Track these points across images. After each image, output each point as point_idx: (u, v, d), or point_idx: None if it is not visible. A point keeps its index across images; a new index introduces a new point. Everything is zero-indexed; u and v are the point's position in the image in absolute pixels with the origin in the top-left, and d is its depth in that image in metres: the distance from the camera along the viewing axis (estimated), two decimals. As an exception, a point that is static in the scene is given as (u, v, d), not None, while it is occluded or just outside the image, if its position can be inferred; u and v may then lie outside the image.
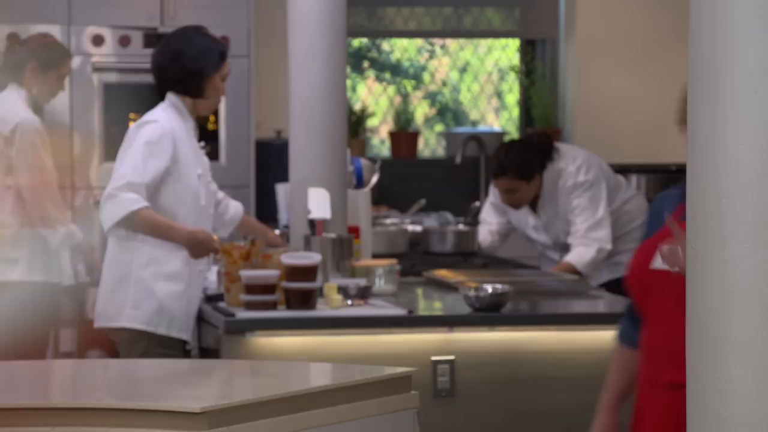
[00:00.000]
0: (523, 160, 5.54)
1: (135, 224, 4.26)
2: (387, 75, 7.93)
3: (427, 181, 7.41)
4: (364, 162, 5.69)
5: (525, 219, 5.71)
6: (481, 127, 7.93)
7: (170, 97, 4.45)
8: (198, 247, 4.37)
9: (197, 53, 4.43)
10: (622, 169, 7.41)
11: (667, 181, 7.37)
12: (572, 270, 5.39)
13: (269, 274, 4.35)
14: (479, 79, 8.01)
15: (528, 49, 7.91)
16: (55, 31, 6.37)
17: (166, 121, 4.36)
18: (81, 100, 6.51)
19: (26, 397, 3.17)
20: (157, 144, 4.29)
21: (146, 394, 3.13)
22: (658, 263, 2.94)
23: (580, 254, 5.44)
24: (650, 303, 2.98)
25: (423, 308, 4.54)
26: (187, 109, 4.44)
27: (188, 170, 4.36)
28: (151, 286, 4.31)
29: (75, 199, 6.53)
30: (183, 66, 4.41)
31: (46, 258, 5.21)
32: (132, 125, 4.43)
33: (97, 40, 6.51)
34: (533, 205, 5.64)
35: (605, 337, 4.17)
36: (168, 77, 4.45)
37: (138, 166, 4.24)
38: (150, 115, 4.42)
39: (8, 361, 4.29)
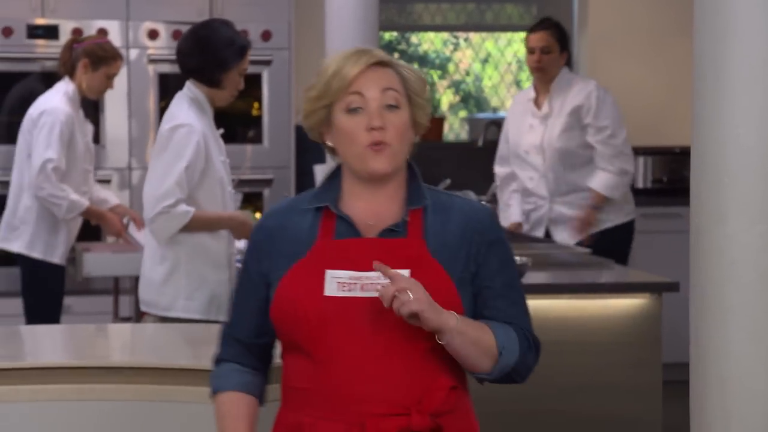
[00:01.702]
0: (563, 30, 5.60)
1: (188, 228, 4.12)
2: (415, 65, 7.91)
3: (452, 162, 7.40)
4: (394, 145, 5.66)
5: (523, 126, 5.63)
6: (502, 113, 7.90)
7: (190, 87, 4.23)
8: (240, 228, 4.27)
9: (221, 44, 4.20)
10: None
11: (671, 162, 7.33)
12: (602, 198, 5.41)
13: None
14: (499, 69, 7.98)
15: (544, 42, 7.86)
16: (115, 26, 6.38)
17: (195, 122, 4.14)
18: (138, 89, 6.52)
19: (90, 357, 3.19)
20: (196, 156, 4.11)
21: (197, 354, 3.15)
22: (331, 290, 2.28)
23: (603, 181, 5.41)
24: (324, 337, 2.27)
25: (448, 278, 4.53)
26: (205, 98, 4.22)
27: (216, 163, 4.20)
28: (203, 275, 4.16)
29: (132, 179, 6.55)
30: (205, 55, 4.20)
31: (48, 237, 5.24)
32: (165, 128, 4.17)
33: (153, 35, 6.52)
34: (537, 104, 5.60)
35: (613, 304, 4.16)
36: (189, 64, 4.22)
37: (181, 181, 4.08)
38: (179, 115, 4.18)
39: (72, 325, 4.31)
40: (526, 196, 5.66)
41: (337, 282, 2.29)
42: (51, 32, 6.26)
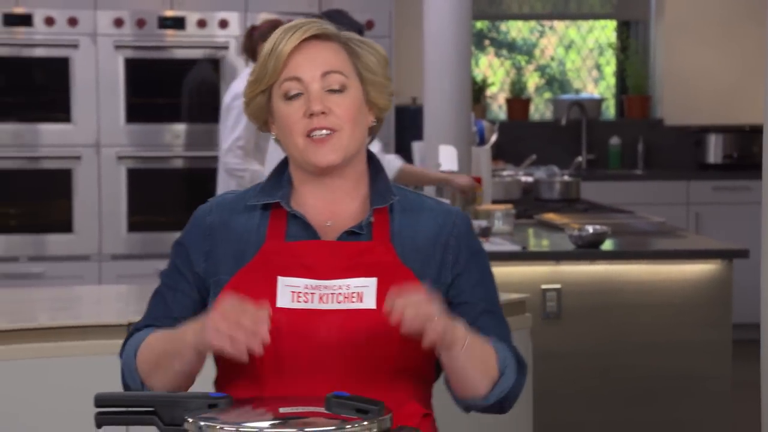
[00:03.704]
0: None
1: None
2: (504, 51, 7.85)
3: (537, 139, 7.34)
4: (485, 124, 5.65)
5: None
6: (583, 95, 7.82)
7: None
8: None
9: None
10: (703, 130, 7.26)
11: (741, 140, 7.19)
12: None
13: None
14: (582, 54, 7.89)
15: (623, 29, 7.76)
16: (234, 17, 6.44)
17: None
18: (254, 73, 6.58)
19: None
20: None
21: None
22: (284, 300, 1.74)
23: None
24: (276, 356, 1.73)
25: (534, 245, 4.52)
26: None
27: None
28: None
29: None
30: None
31: None
32: None
33: (268, 24, 6.57)
34: None
35: (687, 269, 4.10)
36: None
37: None
38: None
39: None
40: None
41: (291, 291, 1.74)
42: (178, 23, 6.34)
